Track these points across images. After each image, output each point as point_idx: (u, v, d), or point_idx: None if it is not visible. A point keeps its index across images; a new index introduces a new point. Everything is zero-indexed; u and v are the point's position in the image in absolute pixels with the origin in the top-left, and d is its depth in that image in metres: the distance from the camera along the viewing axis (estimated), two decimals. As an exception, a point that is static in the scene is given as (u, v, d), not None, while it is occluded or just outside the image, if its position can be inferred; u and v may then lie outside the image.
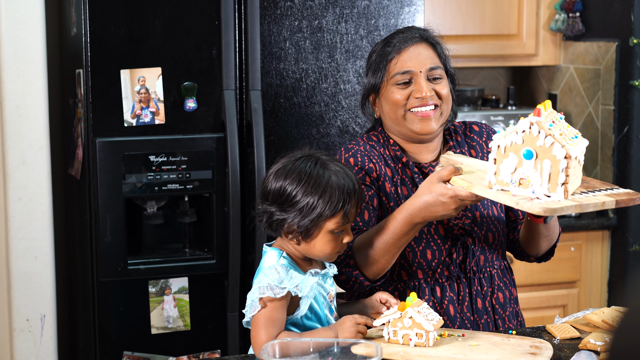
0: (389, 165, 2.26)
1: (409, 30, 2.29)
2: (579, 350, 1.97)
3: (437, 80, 2.25)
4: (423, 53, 2.25)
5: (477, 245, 2.24)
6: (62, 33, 3.26)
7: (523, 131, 1.85)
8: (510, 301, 2.31)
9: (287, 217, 1.93)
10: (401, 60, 2.23)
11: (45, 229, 3.08)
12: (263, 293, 1.90)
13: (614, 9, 3.77)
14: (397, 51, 2.24)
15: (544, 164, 1.84)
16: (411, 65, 2.23)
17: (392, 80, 2.23)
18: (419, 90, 2.21)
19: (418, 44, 2.26)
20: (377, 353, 1.82)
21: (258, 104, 2.94)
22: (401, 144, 2.30)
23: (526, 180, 1.86)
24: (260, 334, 1.90)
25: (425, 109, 2.22)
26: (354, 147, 2.26)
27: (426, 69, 2.23)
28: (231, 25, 2.93)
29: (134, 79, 2.86)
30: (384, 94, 2.26)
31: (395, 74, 2.23)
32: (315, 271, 1.99)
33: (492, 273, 2.28)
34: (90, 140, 2.86)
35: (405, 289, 2.21)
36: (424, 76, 2.23)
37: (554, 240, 2.33)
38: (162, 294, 2.96)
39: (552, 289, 3.80)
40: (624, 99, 3.74)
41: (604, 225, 3.80)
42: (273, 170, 1.98)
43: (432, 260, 2.20)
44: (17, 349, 3.08)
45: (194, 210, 3.02)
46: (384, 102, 2.26)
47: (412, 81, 2.23)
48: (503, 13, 3.93)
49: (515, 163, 1.87)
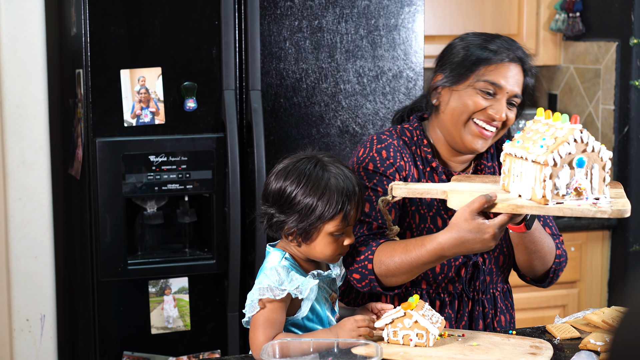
0: (417, 167, 2.19)
1: (510, 44, 2.19)
2: (579, 350, 1.97)
3: (512, 107, 2.19)
4: (517, 77, 2.18)
5: (487, 266, 2.20)
6: (62, 33, 3.26)
7: (575, 140, 1.86)
8: (510, 325, 2.30)
9: (287, 219, 1.93)
10: (498, 71, 2.15)
11: (45, 229, 3.08)
12: (263, 294, 1.90)
13: (614, 9, 3.77)
14: (499, 60, 2.15)
15: (593, 169, 1.88)
16: (504, 83, 2.15)
17: (478, 84, 2.15)
18: (497, 111, 2.14)
19: (517, 64, 2.18)
20: (377, 353, 1.82)
21: (258, 104, 2.94)
22: (437, 145, 2.23)
23: (581, 188, 1.87)
24: (259, 334, 1.90)
25: (489, 128, 2.15)
26: (387, 140, 2.19)
27: (513, 92, 2.17)
28: (231, 25, 2.93)
29: (134, 79, 2.86)
30: (460, 91, 2.17)
31: (486, 81, 2.15)
32: (318, 272, 1.98)
33: (495, 295, 2.25)
34: (90, 140, 2.86)
35: (406, 296, 2.18)
36: (505, 98, 2.16)
37: (548, 261, 2.22)
38: (162, 294, 2.96)
39: (552, 289, 3.80)
40: (624, 99, 3.74)
41: (604, 225, 3.80)
42: (275, 171, 1.98)
43: (439, 274, 2.17)
44: (17, 349, 3.08)
45: (194, 210, 3.02)
46: (455, 98, 2.17)
47: (495, 96, 2.15)
48: (503, 13, 3.93)
49: (569, 173, 1.87)
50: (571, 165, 1.87)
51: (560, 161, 1.86)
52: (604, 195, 1.89)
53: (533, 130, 1.99)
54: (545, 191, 1.86)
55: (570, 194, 1.87)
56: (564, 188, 1.87)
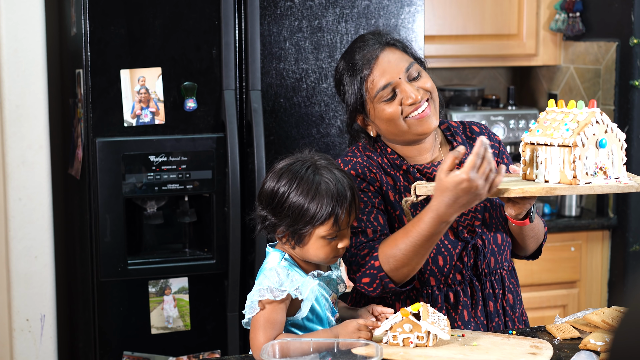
0: (389, 174, 2.20)
1: (363, 42, 2.20)
2: (579, 351, 1.97)
3: (417, 77, 2.17)
4: (392, 58, 2.17)
5: (487, 247, 2.21)
6: (62, 33, 3.26)
7: (597, 122, 1.96)
8: (517, 302, 2.30)
9: (279, 222, 1.93)
10: (376, 76, 2.15)
11: (45, 229, 3.08)
12: (263, 295, 1.90)
13: (614, 9, 3.77)
14: (368, 67, 2.15)
15: (613, 150, 1.99)
16: (389, 77, 2.15)
17: (376, 99, 2.15)
18: (407, 96, 2.13)
19: (384, 51, 2.17)
20: (377, 353, 1.82)
21: (258, 104, 2.94)
22: (400, 151, 2.24)
23: (605, 168, 1.98)
24: (259, 335, 1.90)
25: (421, 109, 2.15)
26: (352, 160, 2.21)
27: (403, 72, 2.16)
28: (231, 25, 2.93)
29: (134, 79, 2.86)
30: (373, 114, 2.17)
31: (377, 92, 2.14)
32: (318, 273, 1.98)
33: (502, 275, 2.26)
34: (90, 140, 2.86)
35: (418, 297, 2.17)
36: (404, 80, 2.15)
37: (541, 239, 2.31)
38: (162, 294, 2.96)
39: (552, 289, 3.80)
40: (624, 99, 3.74)
41: (604, 225, 3.80)
42: (270, 172, 1.98)
43: (444, 266, 2.17)
44: (17, 349, 3.08)
45: (194, 210, 3.02)
46: (378, 121, 2.18)
47: (397, 90, 2.15)
48: (503, 13, 3.93)
49: (594, 154, 1.97)
50: (596, 145, 1.96)
51: (587, 142, 1.95)
52: (623, 175, 2.01)
53: (550, 119, 2.04)
54: (576, 171, 1.95)
55: (596, 173, 1.97)
56: (592, 168, 1.96)
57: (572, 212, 3.83)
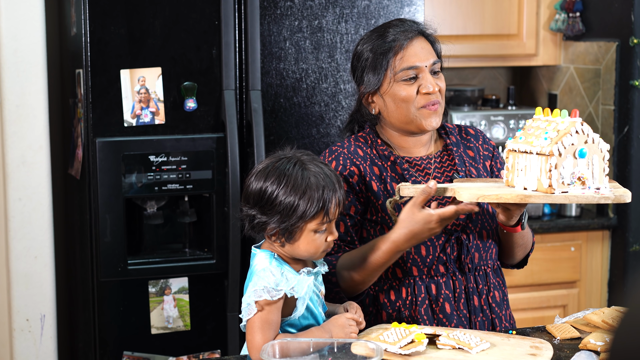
0: (376, 164, 2.24)
1: (402, 23, 2.26)
2: (579, 351, 1.97)
3: (437, 75, 2.25)
4: (425, 47, 2.24)
5: (471, 241, 2.23)
6: (62, 33, 3.26)
7: (576, 132, 1.96)
8: (504, 301, 2.31)
9: (269, 220, 1.93)
10: (407, 55, 2.21)
11: (45, 229, 3.08)
12: (260, 296, 1.90)
13: (614, 9, 3.77)
14: (402, 45, 2.21)
15: (594, 160, 1.98)
16: (417, 60, 2.21)
17: (398, 76, 2.20)
18: (426, 85, 2.19)
19: (418, 37, 2.24)
20: (377, 353, 1.82)
21: (258, 104, 2.94)
22: (394, 140, 2.29)
23: (583, 178, 1.97)
24: (257, 336, 1.90)
25: (433, 100, 2.21)
26: (338, 150, 2.26)
27: (430, 63, 2.22)
28: (231, 25, 2.93)
29: (134, 79, 2.86)
30: (387, 91, 2.22)
31: (402, 70, 2.20)
32: (309, 270, 1.99)
33: (486, 271, 2.28)
34: (90, 140, 2.86)
35: (401, 287, 2.20)
36: (428, 71, 2.22)
37: (529, 248, 2.35)
38: (162, 294, 2.96)
39: (552, 289, 3.80)
40: (624, 99, 3.74)
41: (604, 225, 3.80)
42: (254, 172, 1.98)
43: (427, 257, 2.20)
44: (17, 349, 3.08)
45: (194, 210, 3.02)
46: (389, 99, 2.23)
47: (419, 76, 2.21)
48: (503, 13, 3.93)
49: (572, 163, 1.96)
50: (574, 155, 1.96)
51: (564, 151, 1.95)
52: (604, 185, 2.00)
53: (534, 127, 2.06)
54: (552, 180, 1.95)
55: (574, 183, 1.97)
56: (568, 177, 1.96)
57: (572, 212, 3.83)
